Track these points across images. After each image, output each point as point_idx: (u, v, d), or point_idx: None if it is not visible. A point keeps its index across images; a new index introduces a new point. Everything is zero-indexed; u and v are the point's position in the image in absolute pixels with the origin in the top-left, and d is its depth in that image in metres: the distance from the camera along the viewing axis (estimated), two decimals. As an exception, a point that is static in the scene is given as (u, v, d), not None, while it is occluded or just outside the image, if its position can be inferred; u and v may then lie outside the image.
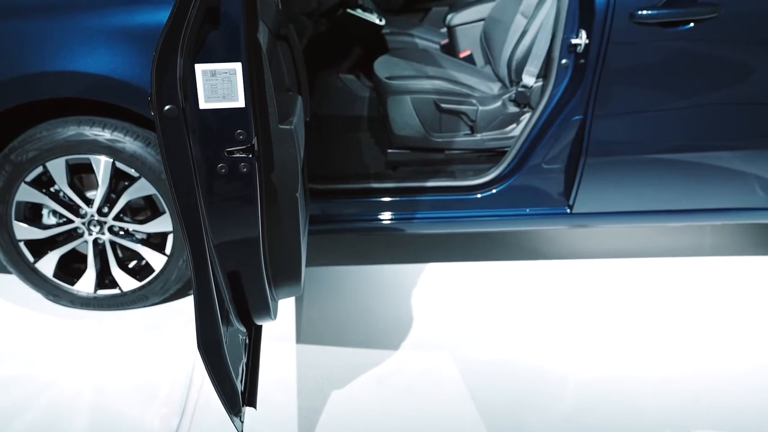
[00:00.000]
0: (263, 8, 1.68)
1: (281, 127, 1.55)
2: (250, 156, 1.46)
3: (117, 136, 2.09)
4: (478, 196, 2.35)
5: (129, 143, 2.09)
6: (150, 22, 1.94)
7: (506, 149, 2.37)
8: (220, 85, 1.38)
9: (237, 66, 1.37)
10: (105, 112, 2.09)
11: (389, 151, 2.62)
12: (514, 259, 2.68)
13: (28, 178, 2.13)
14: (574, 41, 2.08)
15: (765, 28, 2.01)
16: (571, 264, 2.65)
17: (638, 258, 2.67)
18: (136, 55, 1.95)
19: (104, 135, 2.08)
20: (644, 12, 1.97)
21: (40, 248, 2.26)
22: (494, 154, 2.52)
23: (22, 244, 2.24)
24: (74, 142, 2.08)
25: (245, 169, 1.47)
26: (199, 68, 1.36)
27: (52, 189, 2.19)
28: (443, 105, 2.54)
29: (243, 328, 1.74)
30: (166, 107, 1.35)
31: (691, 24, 1.98)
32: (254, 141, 1.45)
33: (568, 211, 2.34)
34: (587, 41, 2.04)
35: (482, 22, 3.03)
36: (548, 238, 2.82)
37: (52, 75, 1.96)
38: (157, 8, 1.94)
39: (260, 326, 1.90)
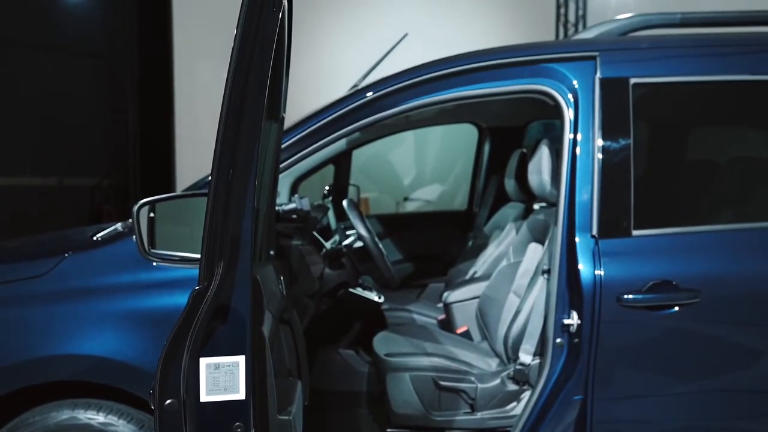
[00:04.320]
0: (269, 297, 1.77)
1: (280, 418, 1.54)
2: (247, 450, 1.42)
3: (111, 419, 2.05)
4: (484, 483, 2.23)
5: (122, 426, 2.04)
6: (156, 306, 2.02)
7: (508, 429, 2.30)
8: (222, 378, 1.41)
9: (240, 359, 1.41)
10: (100, 392, 2.07)
11: (388, 430, 2.55)
12: None
13: (10, 469, 2.04)
14: (566, 321, 2.13)
15: (743, 312, 2.10)
16: None
17: None
18: (139, 337, 2.00)
19: (98, 418, 2.04)
20: (630, 296, 2.06)
21: None
22: (497, 435, 2.45)
23: None
24: (66, 426, 2.03)
25: (241, 465, 1.42)
26: (204, 362, 1.40)
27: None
28: (442, 382, 2.53)
29: None
30: (167, 401, 1.36)
31: (676, 308, 2.07)
32: (252, 433, 1.43)
33: (581, 499, 2.20)
34: (579, 321, 2.11)
35: (477, 300, 3.16)
36: None
37: (56, 359, 1.99)
38: (162, 293, 2.04)
39: None
